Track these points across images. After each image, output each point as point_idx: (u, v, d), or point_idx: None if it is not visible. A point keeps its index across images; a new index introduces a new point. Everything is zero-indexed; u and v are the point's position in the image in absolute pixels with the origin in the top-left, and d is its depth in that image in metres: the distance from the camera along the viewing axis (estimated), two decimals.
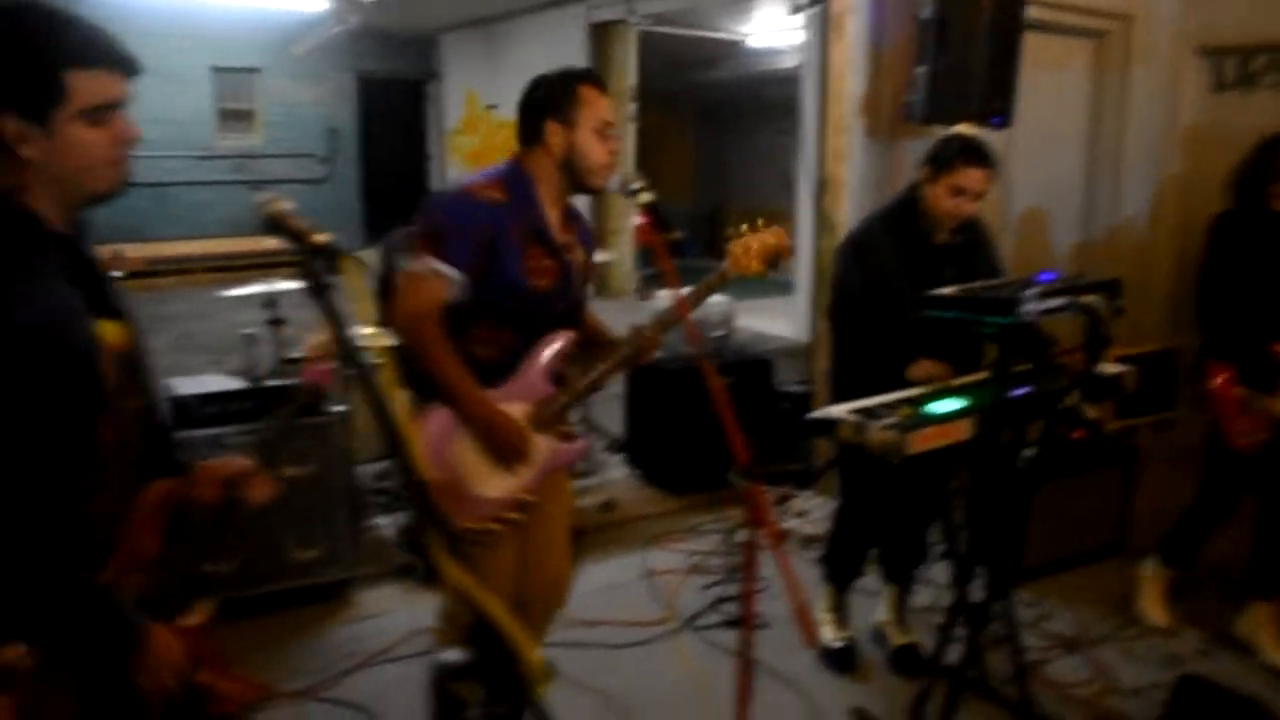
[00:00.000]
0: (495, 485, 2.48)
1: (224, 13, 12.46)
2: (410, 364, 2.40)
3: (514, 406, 2.47)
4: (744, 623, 2.11)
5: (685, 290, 2.40)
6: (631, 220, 11.40)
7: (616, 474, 5.24)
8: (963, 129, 3.82)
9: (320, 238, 1.35)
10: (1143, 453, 4.44)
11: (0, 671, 1.40)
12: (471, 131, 14.13)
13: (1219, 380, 3.48)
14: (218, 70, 13.42)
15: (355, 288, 1.37)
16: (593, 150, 2.48)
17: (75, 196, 1.51)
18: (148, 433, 1.68)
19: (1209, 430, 3.61)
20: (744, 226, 2.60)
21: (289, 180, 13.88)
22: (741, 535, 4.48)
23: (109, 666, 1.51)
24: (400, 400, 1.41)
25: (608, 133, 2.50)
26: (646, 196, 2.21)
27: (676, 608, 3.90)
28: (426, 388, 2.39)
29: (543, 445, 2.53)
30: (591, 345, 2.66)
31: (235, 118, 13.86)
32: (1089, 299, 2.66)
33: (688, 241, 2.34)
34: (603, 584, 4.08)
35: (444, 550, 1.11)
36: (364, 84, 14.82)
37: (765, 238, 2.56)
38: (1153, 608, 3.83)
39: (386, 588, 4.01)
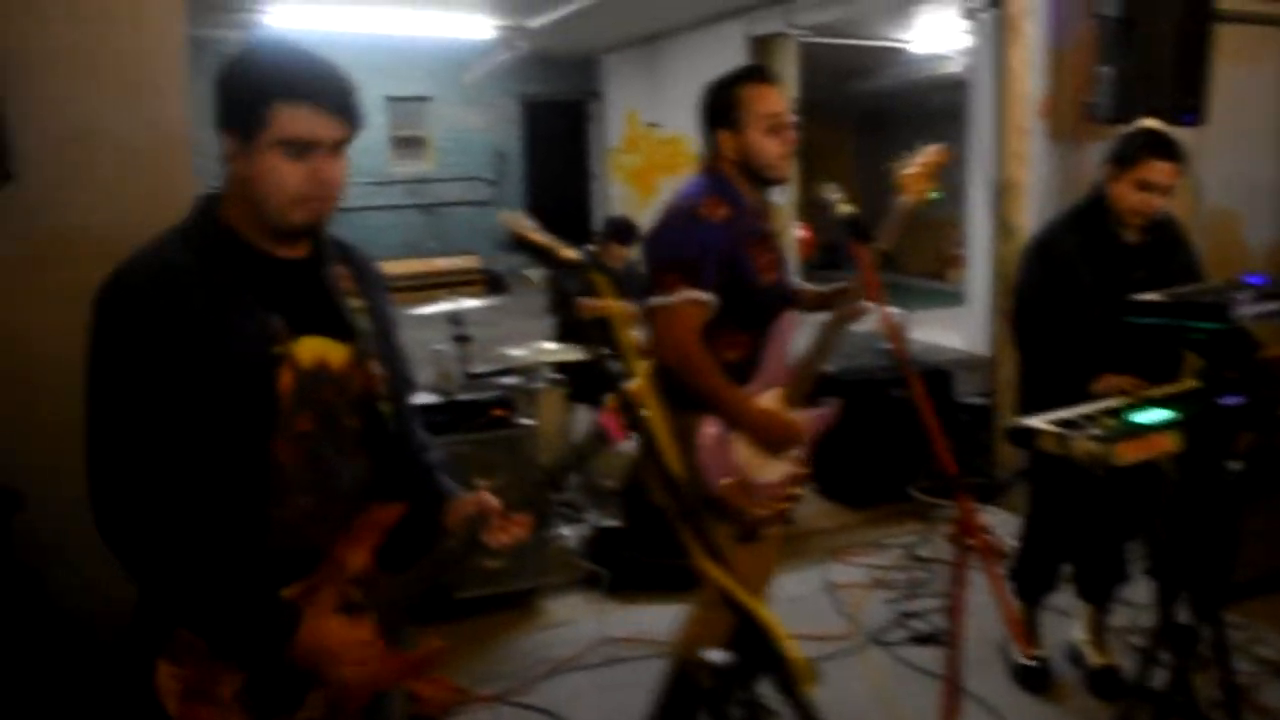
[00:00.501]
0: (774, 469, 2.64)
1: (398, 44, 13.02)
2: (666, 378, 2.56)
3: (769, 395, 2.62)
4: (951, 639, 2.09)
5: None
6: (793, 232, 11.35)
7: None
8: (1148, 122, 3.66)
9: (569, 253, 1.39)
10: None
11: (177, 644, 1.51)
12: (633, 150, 14.32)
13: None
14: (391, 100, 14.04)
15: (606, 300, 1.41)
16: (764, 148, 2.57)
17: (268, 221, 1.58)
18: (371, 452, 1.73)
19: None
20: (904, 154, 2.66)
21: (458, 203, 14.43)
22: (926, 549, 4.42)
23: (263, 654, 1.56)
24: (660, 419, 1.44)
25: (778, 124, 2.56)
26: (846, 209, 2.22)
27: (860, 622, 3.86)
28: (681, 399, 2.50)
29: (802, 421, 2.68)
30: (817, 307, 2.81)
31: (408, 145, 14.47)
32: None
33: (889, 249, 2.36)
34: (783, 597, 4.05)
35: (717, 548, 1.13)
36: (528, 107, 15.25)
37: (928, 157, 2.61)
38: None
39: (572, 597, 4.11)
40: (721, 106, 2.60)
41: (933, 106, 13.74)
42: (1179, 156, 3.06)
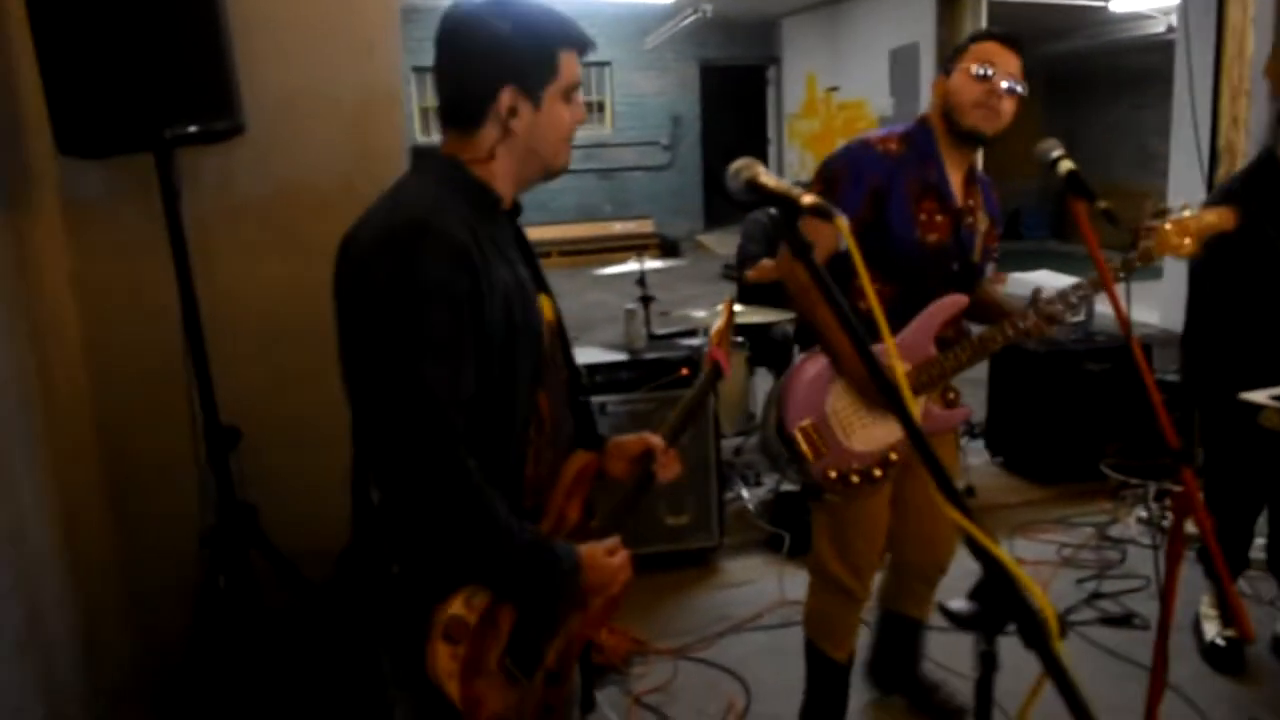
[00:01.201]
0: (864, 439, 2.47)
1: (579, 8, 13.09)
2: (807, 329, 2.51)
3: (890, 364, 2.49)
4: (1164, 603, 2.02)
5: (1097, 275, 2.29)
6: None
7: (976, 460, 5.10)
8: None
9: (808, 199, 1.36)
10: None
11: (451, 623, 1.50)
12: (811, 115, 14.14)
13: None
14: None
15: (828, 246, 1.39)
16: (964, 88, 2.40)
17: (535, 172, 1.64)
18: (572, 405, 1.80)
19: None
20: (1182, 208, 2.44)
21: (635, 168, 14.58)
22: (1117, 528, 4.26)
23: (552, 602, 1.60)
24: None
25: (986, 75, 2.38)
26: (1067, 165, 2.14)
27: (1049, 601, 3.75)
28: (811, 336, 2.47)
29: (917, 407, 2.49)
30: (984, 315, 2.61)
31: (587, 110, 14.67)
32: None
33: (1116, 207, 2.20)
34: (967, 570, 3.99)
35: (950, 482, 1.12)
36: (706, 71, 15.22)
37: (1208, 218, 2.39)
38: None
39: (751, 558, 4.14)
40: (949, 55, 2.52)
41: (1128, 69, 13.05)
42: None
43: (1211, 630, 3.37)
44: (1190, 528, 3.98)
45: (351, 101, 3.15)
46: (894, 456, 2.50)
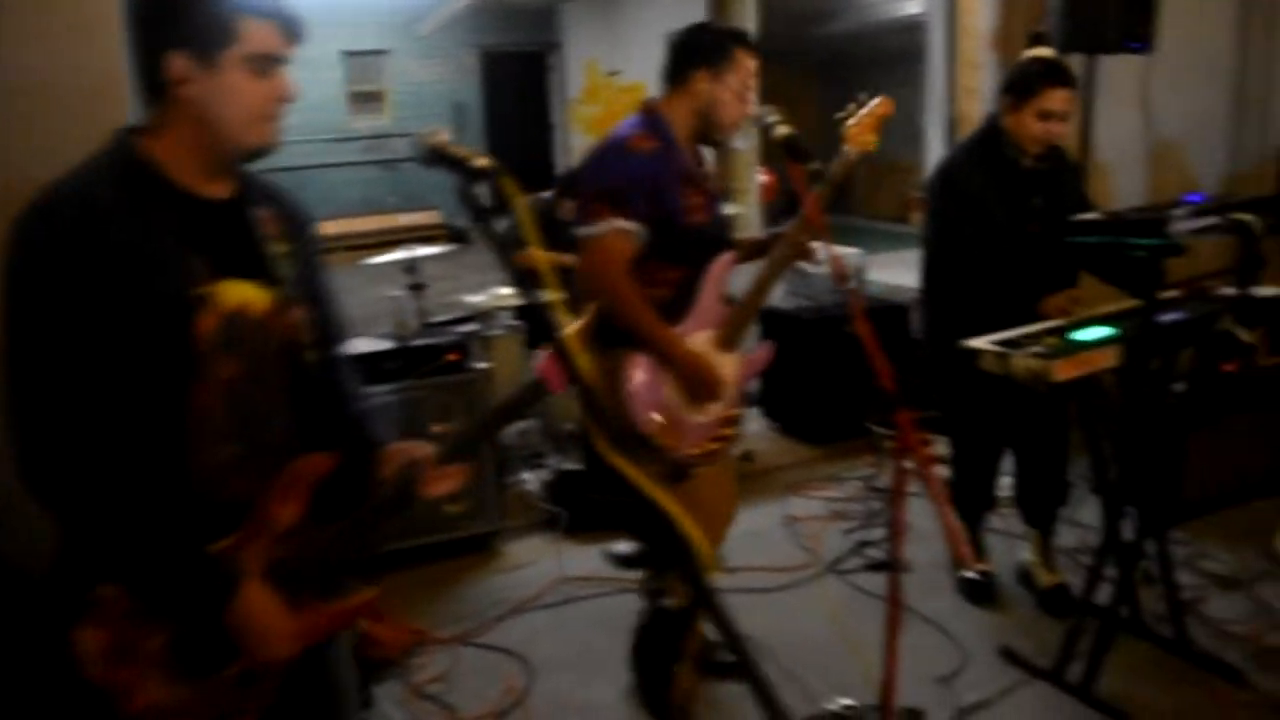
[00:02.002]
0: (704, 409, 2.64)
1: None
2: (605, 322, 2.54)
3: (700, 336, 2.62)
4: (892, 555, 2.12)
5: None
6: (757, 178, 11.32)
7: (754, 426, 5.25)
8: (1041, 52, 3.69)
9: (483, 161, 1.37)
10: None
11: (94, 606, 1.45)
12: (593, 100, 14.20)
13: None
14: (347, 54, 13.84)
15: (521, 212, 1.39)
16: (730, 108, 2.61)
17: (222, 150, 1.53)
18: (299, 402, 1.67)
19: None
20: (850, 105, 2.67)
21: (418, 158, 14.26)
22: (881, 479, 4.47)
23: (198, 616, 1.50)
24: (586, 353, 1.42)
25: (747, 95, 2.62)
26: (784, 130, 2.21)
27: (819, 553, 3.91)
28: (609, 336, 2.48)
29: (733, 362, 2.69)
30: (748, 258, 2.80)
31: (365, 100, 14.30)
32: (1243, 217, 2.55)
33: (825, 166, 2.35)
34: (744, 531, 4.10)
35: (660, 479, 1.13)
36: (487, 58, 15.08)
37: (875, 109, 2.62)
38: None
39: (532, 539, 4.13)
40: (714, 51, 2.60)
41: (892, 49, 13.70)
42: (1074, 83, 3.16)
43: (1042, 577, 3.56)
44: (945, 474, 4.22)
45: (72, 87, 2.95)
46: (736, 412, 2.75)
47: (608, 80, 13.55)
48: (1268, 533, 3.83)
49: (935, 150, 5.24)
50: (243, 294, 1.57)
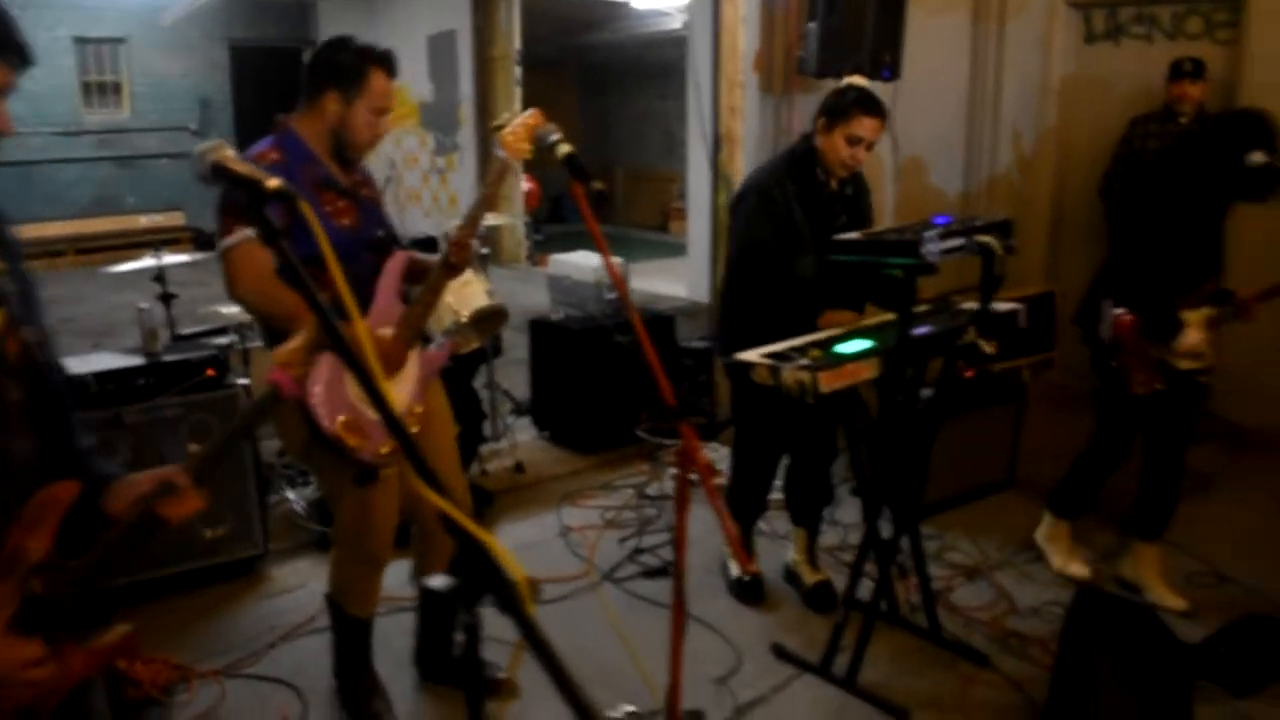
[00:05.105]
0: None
1: None
2: (268, 327, 2.63)
3: (381, 332, 2.64)
4: (676, 563, 2.16)
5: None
6: (521, 187, 11.34)
7: (525, 437, 5.25)
8: (858, 80, 3.92)
9: (274, 183, 1.30)
10: (1029, 392, 4.64)
11: None
12: None
13: (1128, 328, 3.45)
14: (80, 41, 12.81)
15: (320, 236, 1.33)
16: (363, 129, 2.65)
17: None
18: (39, 427, 1.57)
19: (1106, 376, 3.60)
20: (505, 115, 2.77)
21: (160, 155, 13.38)
22: (654, 487, 4.57)
23: None
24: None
25: (381, 116, 2.67)
26: (565, 149, 2.22)
27: (595, 562, 3.95)
28: (277, 342, 2.42)
29: (412, 358, 2.72)
30: (420, 274, 2.81)
31: (100, 91, 13.26)
32: (985, 239, 2.78)
33: (608, 185, 2.37)
34: (521, 543, 4.11)
35: (432, 471, 1.10)
36: (237, 53, 14.32)
37: (527, 120, 2.63)
38: (1068, 563, 3.85)
39: (299, 561, 3.96)
40: (347, 72, 2.61)
41: (654, 62, 14.06)
42: (884, 113, 3.31)
43: (735, 568, 3.73)
44: (717, 480, 4.35)
45: None
46: (419, 407, 2.75)
47: None
48: (1005, 523, 4.19)
49: (697, 164, 5.42)
50: None
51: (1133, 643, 2.95)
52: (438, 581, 1.02)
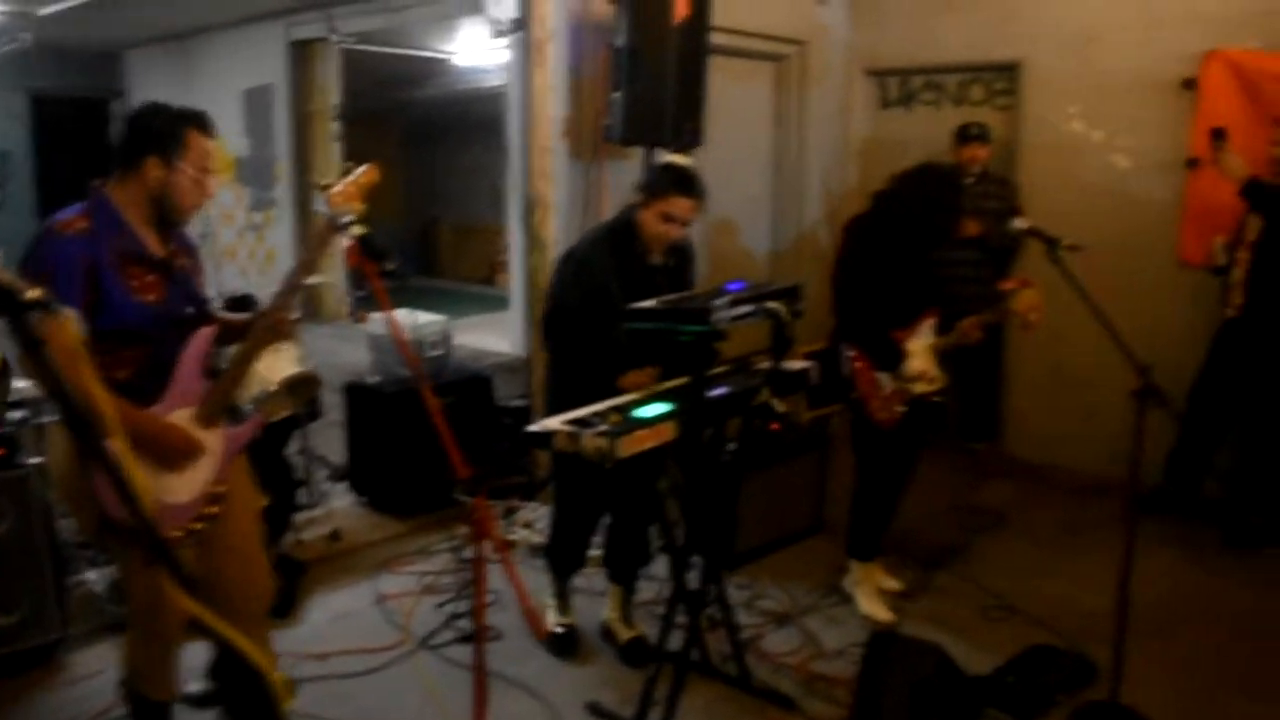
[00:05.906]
0: (183, 489, 2.59)
1: None
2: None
3: (179, 414, 2.59)
4: (477, 634, 2.21)
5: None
6: (342, 244, 11.15)
7: (341, 503, 5.16)
8: (675, 159, 4.07)
9: (34, 293, 1.29)
10: (834, 439, 4.87)
11: None
12: None
13: (857, 362, 3.88)
14: None
15: (70, 342, 1.33)
16: (188, 193, 2.61)
17: None
18: None
19: (853, 412, 3.96)
20: (336, 174, 2.78)
21: None
22: (469, 552, 4.56)
23: None
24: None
25: (205, 177, 2.63)
26: (357, 230, 2.26)
27: (411, 630, 3.92)
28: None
29: (215, 437, 2.67)
30: (232, 334, 2.80)
31: None
32: (772, 305, 2.94)
33: (403, 263, 2.41)
34: (334, 614, 4.04)
35: (189, 576, 1.12)
36: (38, 103, 13.65)
37: (359, 178, 2.68)
38: (873, 609, 4.05)
39: (101, 645, 3.75)
40: (165, 137, 2.56)
41: (476, 117, 14.12)
42: (701, 193, 3.46)
43: (551, 619, 3.79)
44: (537, 539, 4.41)
45: None
46: (220, 489, 2.67)
47: None
48: (814, 568, 4.38)
49: (515, 222, 5.48)
50: None
51: (923, 680, 3.16)
52: (196, 687, 1.03)
